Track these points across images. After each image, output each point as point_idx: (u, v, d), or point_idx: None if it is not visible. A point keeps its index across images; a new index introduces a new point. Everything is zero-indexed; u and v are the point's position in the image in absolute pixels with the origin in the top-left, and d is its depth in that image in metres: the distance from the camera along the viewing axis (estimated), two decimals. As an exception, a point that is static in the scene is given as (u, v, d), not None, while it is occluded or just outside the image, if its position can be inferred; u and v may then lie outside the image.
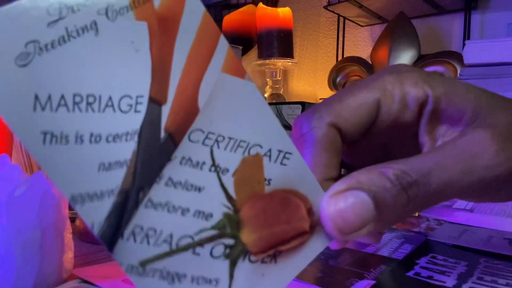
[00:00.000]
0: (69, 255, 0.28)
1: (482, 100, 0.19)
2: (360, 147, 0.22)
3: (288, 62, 1.04)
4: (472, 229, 0.42)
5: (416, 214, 0.50)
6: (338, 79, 1.01)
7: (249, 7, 1.11)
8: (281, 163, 0.17)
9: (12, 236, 0.24)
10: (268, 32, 1.02)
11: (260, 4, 1.06)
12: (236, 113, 0.16)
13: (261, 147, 0.16)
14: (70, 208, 0.33)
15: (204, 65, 0.15)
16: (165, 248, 0.15)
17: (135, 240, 0.15)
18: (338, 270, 0.30)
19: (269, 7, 1.05)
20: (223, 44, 0.16)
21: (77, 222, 0.39)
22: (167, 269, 0.15)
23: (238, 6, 1.15)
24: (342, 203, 0.16)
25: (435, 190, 0.17)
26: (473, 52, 0.61)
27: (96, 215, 0.14)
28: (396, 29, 0.88)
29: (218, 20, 1.15)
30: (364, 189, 0.16)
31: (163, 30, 0.15)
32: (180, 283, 0.15)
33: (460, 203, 0.57)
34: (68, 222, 0.28)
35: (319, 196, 0.17)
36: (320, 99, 1.14)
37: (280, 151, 0.17)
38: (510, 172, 0.18)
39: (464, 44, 0.64)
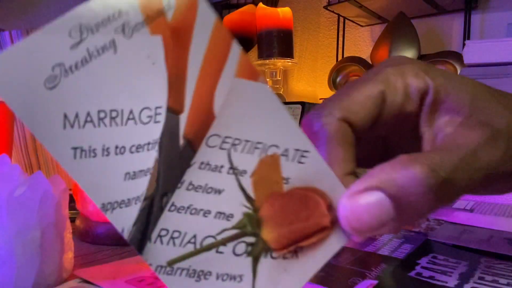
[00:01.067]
0: (69, 255, 0.28)
1: (477, 92, 0.19)
2: (362, 140, 0.22)
3: (288, 62, 1.04)
4: (472, 229, 0.42)
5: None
6: (338, 79, 1.01)
7: (249, 7, 1.10)
8: (299, 162, 0.17)
9: (12, 236, 0.24)
10: (268, 32, 1.02)
11: (260, 4, 1.06)
12: (251, 116, 0.16)
13: (277, 147, 0.17)
14: (70, 208, 0.33)
15: (218, 72, 0.16)
16: (190, 248, 0.16)
17: (162, 242, 0.16)
18: (340, 269, 0.30)
19: (269, 7, 1.05)
20: (235, 49, 0.16)
21: (77, 222, 0.39)
22: (193, 268, 0.16)
23: (238, 6, 1.15)
24: (357, 205, 0.16)
25: (460, 188, 0.17)
26: (473, 52, 0.61)
27: (125, 221, 0.15)
28: (396, 29, 0.88)
29: (218, 20, 1.15)
30: (383, 189, 0.16)
31: (177, 41, 0.15)
32: (206, 280, 0.16)
33: (460, 203, 0.57)
34: (68, 222, 0.28)
35: (340, 191, 0.17)
36: (320, 99, 1.14)
37: (297, 150, 0.17)
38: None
39: (464, 44, 0.64)
